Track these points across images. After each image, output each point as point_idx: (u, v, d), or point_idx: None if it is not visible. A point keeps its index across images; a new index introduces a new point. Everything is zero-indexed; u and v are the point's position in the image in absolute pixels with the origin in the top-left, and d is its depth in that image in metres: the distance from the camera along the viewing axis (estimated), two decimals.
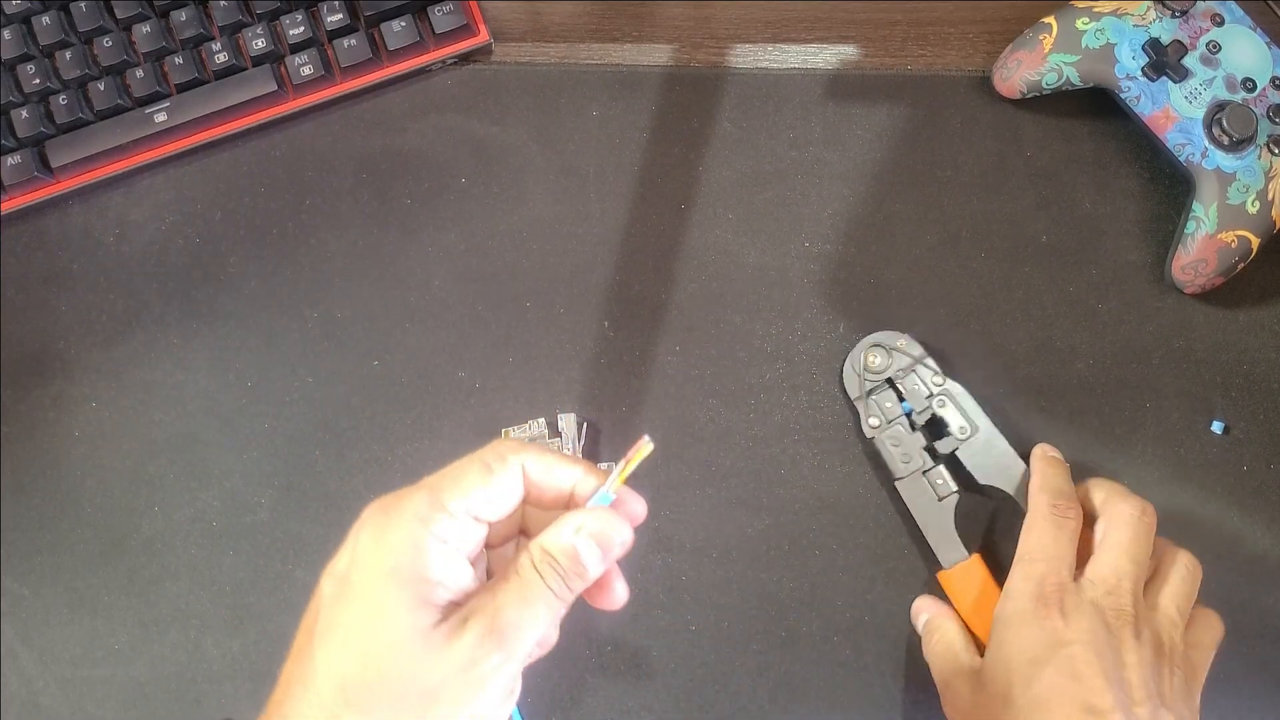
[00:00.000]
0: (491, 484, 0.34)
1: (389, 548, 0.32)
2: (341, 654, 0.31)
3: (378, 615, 0.31)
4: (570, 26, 0.58)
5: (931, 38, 0.57)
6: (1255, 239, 0.51)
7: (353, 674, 0.30)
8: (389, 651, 0.30)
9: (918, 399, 0.51)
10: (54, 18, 0.56)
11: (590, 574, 0.34)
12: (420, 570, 0.31)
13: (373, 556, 0.32)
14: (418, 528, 0.32)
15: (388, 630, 0.30)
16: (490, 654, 0.31)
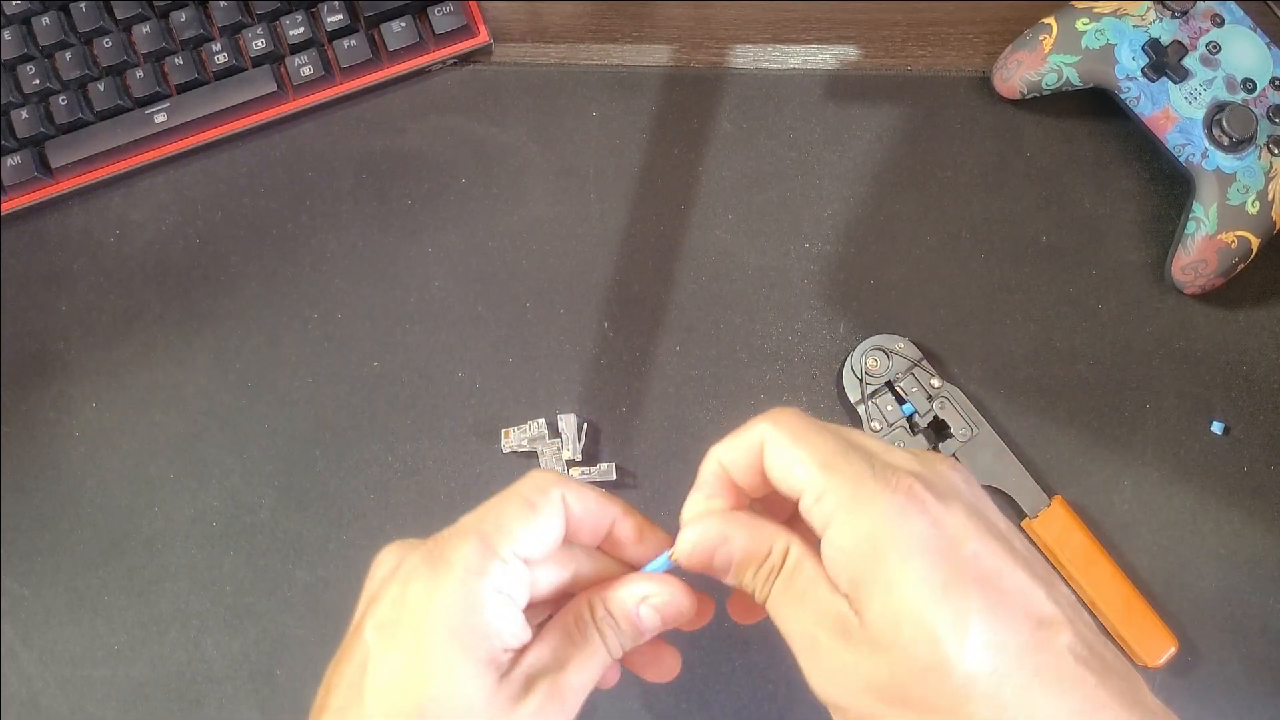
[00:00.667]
0: (536, 522, 0.32)
1: (445, 604, 0.30)
2: (398, 711, 0.29)
3: (440, 677, 0.29)
4: (570, 27, 0.58)
5: (931, 38, 0.57)
6: (1255, 239, 0.51)
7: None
8: (453, 714, 0.29)
9: (920, 402, 0.51)
10: (54, 18, 0.56)
11: (647, 635, 0.33)
12: (482, 629, 0.30)
13: (427, 611, 0.30)
14: (474, 581, 0.30)
15: (453, 693, 0.29)
16: (553, 713, 0.30)
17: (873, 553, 0.27)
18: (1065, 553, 0.50)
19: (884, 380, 0.52)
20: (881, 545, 0.27)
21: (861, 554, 0.28)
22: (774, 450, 0.31)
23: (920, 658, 0.26)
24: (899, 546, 0.27)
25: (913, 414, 0.51)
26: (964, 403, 0.51)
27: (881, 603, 0.27)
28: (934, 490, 0.28)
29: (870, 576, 0.27)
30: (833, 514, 0.28)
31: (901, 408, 0.51)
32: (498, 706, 0.29)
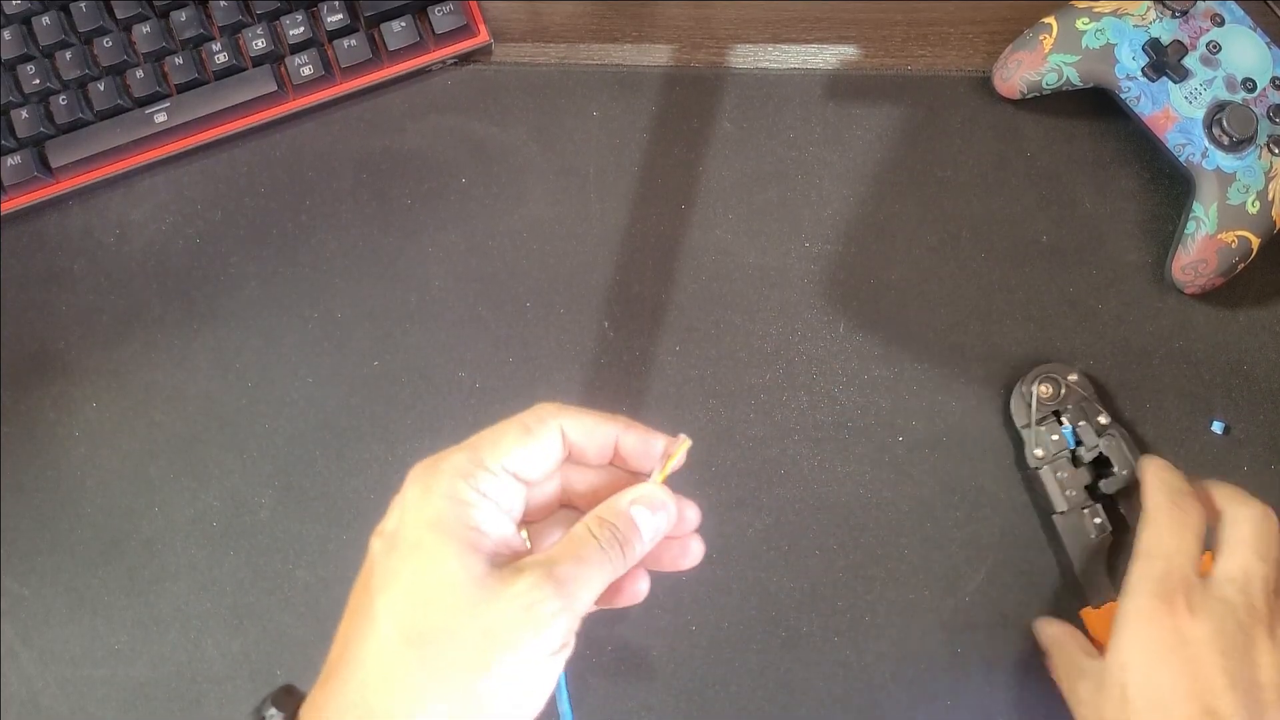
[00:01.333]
0: (530, 444, 0.34)
1: (433, 501, 0.32)
2: (400, 600, 0.31)
3: (430, 562, 0.31)
4: (570, 26, 0.58)
5: (931, 38, 0.57)
6: (1255, 239, 0.51)
7: (413, 617, 0.31)
8: (445, 594, 0.31)
9: (1086, 436, 0.51)
10: (54, 18, 0.56)
11: (644, 536, 0.35)
12: (464, 520, 0.32)
13: (418, 510, 0.33)
14: (458, 481, 0.33)
15: (442, 575, 0.31)
16: (548, 598, 0.31)
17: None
18: None
19: (1052, 409, 0.51)
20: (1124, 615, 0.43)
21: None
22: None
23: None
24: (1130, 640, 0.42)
25: (1077, 447, 0.51)
26: (1130, 443, 0.50)
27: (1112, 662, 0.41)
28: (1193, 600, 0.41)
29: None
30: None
31: (1067, 439, 0.51)
32: (488, 586, 0.31)
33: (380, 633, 0.31)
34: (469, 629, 0.31)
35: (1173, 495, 0.44)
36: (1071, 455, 0.51)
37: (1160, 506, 0.44)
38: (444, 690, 0.30)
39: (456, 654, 0.30)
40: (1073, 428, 0.51)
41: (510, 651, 0.31)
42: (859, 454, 0.53)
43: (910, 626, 0.51)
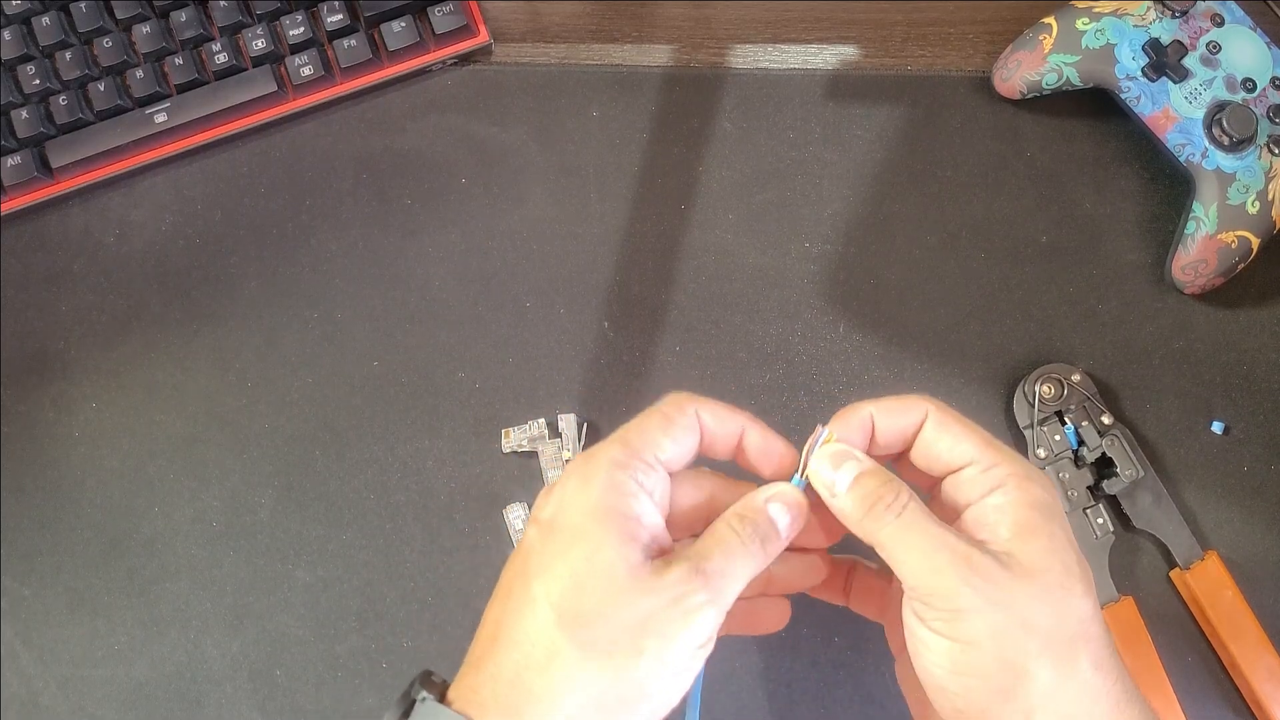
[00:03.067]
0: (673, 432, 0.36)
1: (593, 491, 0.33)
2: (558, 583, 0.32)
3: (589, 548, 0.32)
4: (570, 26, 0.58)
5: (931, 38, 0.57)
6: (1255, 239, 0.51)
7: (569, 600, 0.32)
8: (602, 580, 0.32)
9: (1089, 436, 0.51)
10: (54, 18, 0.56)
11: (781, 533, 0.35)
12: (623, 509, 0.33)
13: (578, 499, 0.33)
14: (617, 472, 0.34)
15: (599, 561, 0.32)
16: (697, 590, 0.32)
17: (1043, 513, 0.33)
18: (1214, 609, 0.49)
19: (1055, 409, 0.51)
20: (1048, 510, 0.34)
21: (1032, 510, 0.33)
22: (942, 425, 0.36)
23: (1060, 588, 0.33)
24: (1057, 514, 0.34)
25: (1079, 447, 0.51)
26: (1133, 443, 0.50)
27: (1045, 546, 0.33)
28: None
29: (1037, 527, 0.33)
30: (1005, 479, 0.34)
31: (1069, 439, 0.51)
32: (642, 576, 0.32)
33: (538, 615, 0.32)
34: (624, 615, 0.31)
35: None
36: (1074, 456, 0.51)
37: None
38: (597, 672, 0.31)
39: (611, 637, 0.31)
40: (1075, 428, 0.51)
41: (661, 640, 0.31)
42: None
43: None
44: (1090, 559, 0.49)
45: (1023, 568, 0.33)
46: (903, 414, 0.36)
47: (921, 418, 0.36)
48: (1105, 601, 0.49)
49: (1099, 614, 0.33)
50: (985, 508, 0.34)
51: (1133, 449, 0.50)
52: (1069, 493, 0.50)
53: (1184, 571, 0.50)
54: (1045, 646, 0.32)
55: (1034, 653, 0.32)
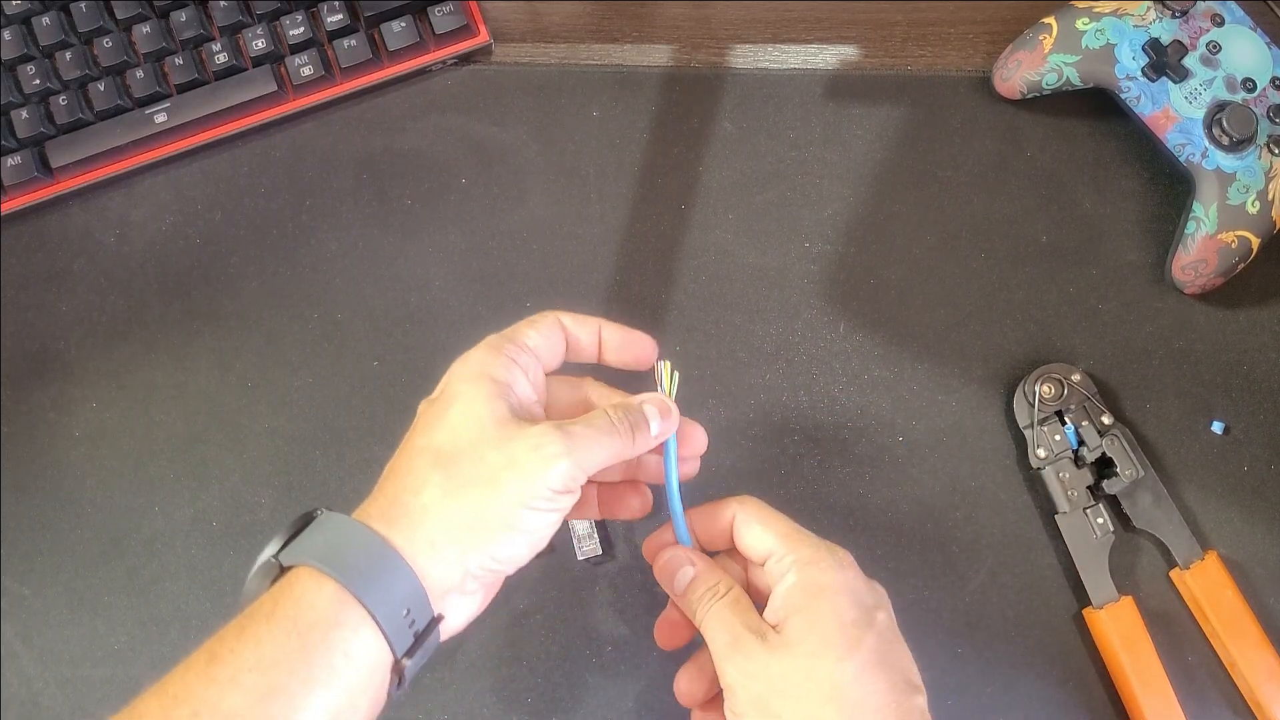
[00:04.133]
0: (538, 326, 0.41)
1: (469, 364, 0.38)
2: (433, 434, 0.37)
3: (462, 404, 0.37)
4: (570, 26, 0.58)
5: (931, 38, 0.57)
6: (1255, 239, 0.51)
7: (443, 445, 0.37)
8: (470, 427, 0.37)
9: (1089, 436, 0.51)
10: (54, 18, 0.56)
11: (651, 429, 0.40)
12: (493, 373, 0.38)
13: (456, 372, 0.38)
14: (490, 350, 0.39)
15: (470, 412, 0.37)
16: (556, 442, 0.36)
17: (814, 593, 0.38)
18: (1214, 609, 0.49)
19: (1055, 409, 0.51)
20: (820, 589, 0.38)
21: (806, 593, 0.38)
22: (745, 523, 0.41)
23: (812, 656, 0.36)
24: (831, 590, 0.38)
25: (1080, 447, 0.51)
26: (1133, 443, 0.50)
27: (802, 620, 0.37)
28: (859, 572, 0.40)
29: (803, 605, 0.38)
30: (791, 566, 0.39)
31: (1069, 439, 0.51)
32: (508, 426, 0.37)
33: (415, 459, 0.37)
34: (487, 453, 0.36)
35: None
36: (1074, 455, 0.51)
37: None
38: (458, 500, 0.35)
39: (474, 470, 0.36)
40: (1075, 428, 0.51)
41: (518, 475, 0.35)
42: (859, 454, 0.53)
43: (911, 627, 0.51)
44: (1090, 559, 0.49)
45: (783, 641, 0.37)
46: (715, 518, 0.41)
47: (730, 518, 0.41)
48: (1105, 602, 0.49)
49: (864, 679, 0.36)
50: (776, 594, 0.39)
51: (1133, 449, 0.50)
52: (1069, 493, 0.50)
53: (1184, 571, 0.50)
54: (795, 710, 0.36)
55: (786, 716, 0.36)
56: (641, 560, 0.52)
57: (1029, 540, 0.51)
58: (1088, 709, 0.50)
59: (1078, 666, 0.50)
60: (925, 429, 0.53)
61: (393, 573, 0.35)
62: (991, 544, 0.51)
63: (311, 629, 0.34)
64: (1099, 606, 0.49)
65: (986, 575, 0.51)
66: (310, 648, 0.33)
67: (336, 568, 0.34)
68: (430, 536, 0.35)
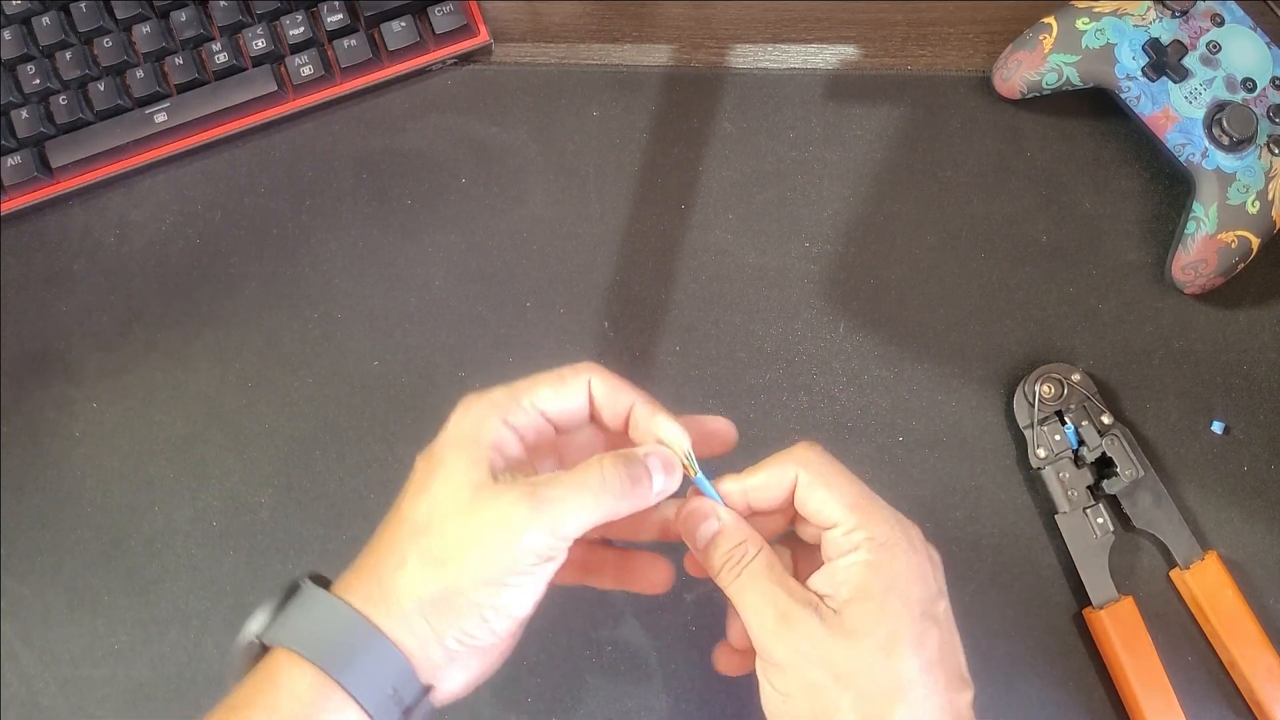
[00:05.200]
0: (561, 390, 0.38)
1: (463, 425, 0.37)
2: (417, 503, 0.36)
3: (444, 471, 0.36)
4: (570, 26, 0.58)
5: (931, 38, 0.57)
6: (1255, 239, 0.51)
7: (419, 514, 0.36)
8: (446, 498, 0.36)
9: (1089, 436, 0.51)
10: (54, 18, 0.56)
11: (652, 484, 0.37)
12: (481, 440, 0.37)
13: (450, 432, 0.37)
14: (490, 410, 0.37)
15: (449, 482, 0.36)
16: (523, 511, 0.34)
17: (888, 581, 0.35)
18: (1214, 609, 0.49)
19: (1055, 409, 0.51)
20: (891, 577, 0.35)
21: (878, 578, 0.35)
22: (810, 486, 0.38)
23: (879, 651, 0.35)
24: (905, 579, 0.36)
25: (1080, 447, 0.51)
26: (1133, 443, 0.50)
27: (870, 608, 0.35)
28: (929, 550, 0.38)
29: (870, 589, 0.35)
30: (861, 544, 0.36)
31: (1069, 439, 0.51)
32: (481, 495, 0.35)
33: (398, 527, 0.36)
34: (457, 528, 0.35)
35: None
36: (1074, 455, 0.51)
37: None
38: (430, 577, 0.35)
39: (444, 548, 0.35)
40: (1075, 428, 0.51)
41: (485, 553, 0.34)
42: (859, 454, 0.53)
43: None
44: (1090, 559, 0.49)
45: (846, 628, 0.35)
46: (773, 484, 0.38)
47: (792, 482, 0.38)
48: (1105, 602, 0.49)
49: (927, 678, 0.35)
50: (836, 567, 0.36)
51: (1133, 449, 0.50)
52: (1069, 493, 0.50)
53: (1184, 571, 0.50)
54: (857, 703, 0.34)
55: (845, 708, 0.34)
56: None
57: (1029, 540, 0.51)
58: (1088, 709, 0.50)
59: (1078, 666, 0.50)
60: (925, 429, 0.53)
61: (374, 652, 0.34)
62: (991, 544, 0.51)
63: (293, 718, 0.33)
64: (1099, 606, 0.49)
65: (986, 575, 0.51)
66: None
67: (316, 651, 0.34)
68: (406, 613, 0.35)
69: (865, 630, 0.35)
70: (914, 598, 0.35)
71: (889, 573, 0.35)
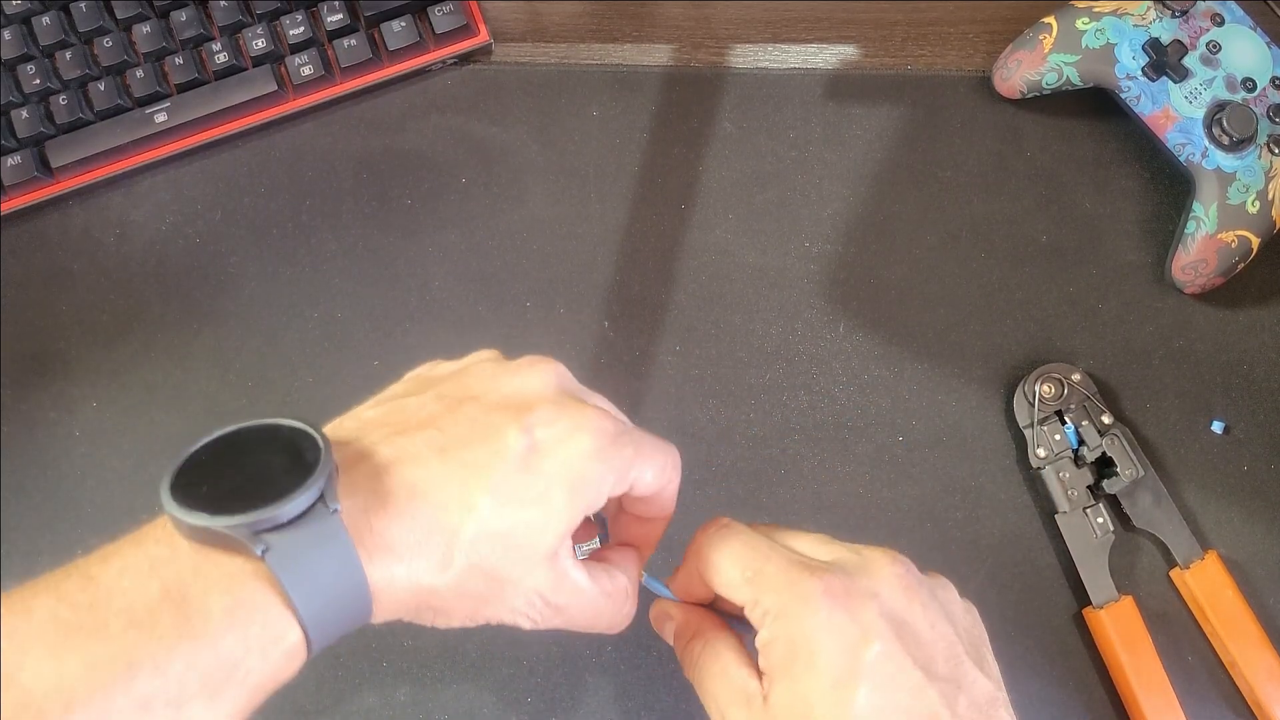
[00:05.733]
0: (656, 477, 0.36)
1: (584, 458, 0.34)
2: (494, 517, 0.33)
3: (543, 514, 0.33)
4: (570, 26, 0.58)
5: (931, 38, 0.57)
6: (1255, 239, 0.51)
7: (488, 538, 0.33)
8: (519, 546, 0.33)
9: (1089, 435, 0.51)
10: (54, 18, 0.56)
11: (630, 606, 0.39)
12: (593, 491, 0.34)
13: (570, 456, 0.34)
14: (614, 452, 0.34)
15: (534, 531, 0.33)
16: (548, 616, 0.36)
17: (789, 647, 0.33)
18: (1214, 609, 0.49)
19: (1055, 409, 0.51)
20: (796, 641, 0.33)
21: (781, 647, 0.33)
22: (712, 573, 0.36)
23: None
24: (809, 642, 0.32)
25: (1080, 447, 0.51)
26: (1133, 443, 0.50)
27: (785, 688, 0.33)
28: (852, 588, 0.33)
29: (783, 667, 0.33)
30: (763, 619, 0.34)
31: (1069, 439, 0.51)
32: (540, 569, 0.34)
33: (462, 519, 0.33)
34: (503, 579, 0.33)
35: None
36: (1074, 455, 0.51)
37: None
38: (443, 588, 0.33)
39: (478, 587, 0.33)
40: (1075, 427, 0.51)
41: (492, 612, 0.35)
42: (859, 454, 0.53)
43: None
44: (1090, 559, 0.49)
45: (772, 715, 0.33)
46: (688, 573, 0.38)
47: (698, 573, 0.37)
48: (1105, 601, 0.49)
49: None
50: (759, 647, 0.34)
51: (1133, 449, 0.50)
52: (1069, 492, 0.50)
53: (1184, 571, 0.50)
54: None
55: None
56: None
57: (1029, 540, 0.51)
58: (1088, 709, 0.50)
59: (1078, 666, 0.50)
60: (925, 429, 0.53)
61: (356, 618, 0.32)
62: (991, 544, 0.51)
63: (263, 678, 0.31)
64: (1099, 606, 0.49)
65: (986, 575, 0.51)
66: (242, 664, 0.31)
67: (316, 625, 0.31)
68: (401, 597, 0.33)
69: (786, 713, 0.33)
70: (823, 664, 0.32)
71: (790, 643, 0.33)
